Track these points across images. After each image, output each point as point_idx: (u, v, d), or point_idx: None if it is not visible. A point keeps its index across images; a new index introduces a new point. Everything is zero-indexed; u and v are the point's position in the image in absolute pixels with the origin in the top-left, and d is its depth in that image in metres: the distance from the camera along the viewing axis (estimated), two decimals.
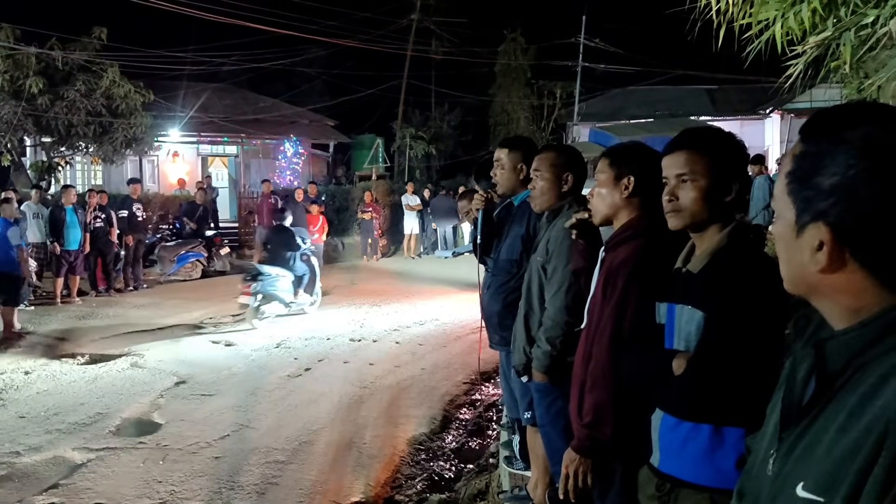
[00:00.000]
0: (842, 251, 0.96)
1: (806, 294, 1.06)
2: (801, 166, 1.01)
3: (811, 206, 0.98)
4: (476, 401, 7.01)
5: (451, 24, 28.32)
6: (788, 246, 1.04)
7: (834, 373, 0.99)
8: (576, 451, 2.39)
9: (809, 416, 1.00)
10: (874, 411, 0.88)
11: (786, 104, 24.17)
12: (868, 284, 0.96)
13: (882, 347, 0.94)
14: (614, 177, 2.53)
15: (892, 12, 4.45)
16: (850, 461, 0.88)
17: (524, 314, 3.34)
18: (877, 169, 0.93)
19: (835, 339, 1.01)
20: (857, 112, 1.00)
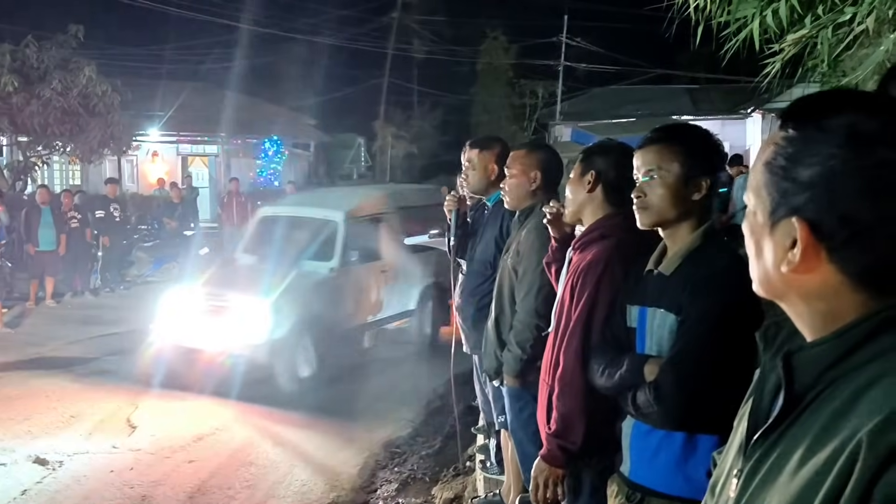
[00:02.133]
0: (817, 250, 0.87)
1: (776, 297, 0.96)
2: (779, 155, 0.91)
3: (787, 200, 0.89)
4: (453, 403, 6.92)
5: (432, 23, 28.27)
6: (759, 243, 0.95)
7: (803, 387, 0.90)
8: (544, 461, 2.31)
9: (776, 432, 0.91)
10: (845, 431, 0.80)
11: (766, 104, 24.27)
12: (844, 288, 0.87)
13: (855, 361, 0.86)
14: (580, 173, 2.46)
15: (868, 10, 4.42)
16: (819, 483, 0.80)
17: (495, 317, 3.26)
18: (859, 160, 0.84)
19: (805, 350, 0.93)
20: (840, 99, 0.91)
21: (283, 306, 7.24)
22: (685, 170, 1.93)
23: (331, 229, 8.14)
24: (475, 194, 3.92)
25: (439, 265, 8.60)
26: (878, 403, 0.78)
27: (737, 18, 5.15)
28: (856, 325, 0.87)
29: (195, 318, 7.52)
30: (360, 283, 8.21)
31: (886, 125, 0.85)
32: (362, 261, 8.14)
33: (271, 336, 7.08)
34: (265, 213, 9.20)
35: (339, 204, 8.68)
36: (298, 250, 8.07)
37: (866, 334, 0.86)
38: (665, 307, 1.92)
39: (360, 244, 8.14)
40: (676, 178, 1.93)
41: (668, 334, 1.90)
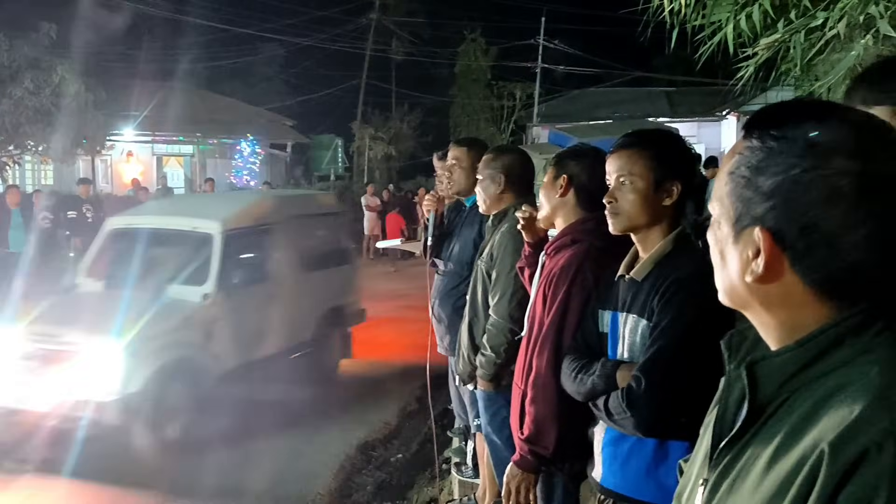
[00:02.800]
0: (780, 259, 0.87)
1: (740, 307, 0.96)
2: (742, 165, 0.91)
3: (750, 209, 0.89)
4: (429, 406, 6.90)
5: (410, 25, 28.25)
6: (724, 252, 0.95)
7: (767, 396, 0.90)
8: (517, 466, 2.29)
9: (741, 441, 0.91)
10: (807, 442, 0.79)
11: (741, 106, 24.52)
12: (807, 298, 0.87)
13: (818, 370, 0.86)
14: (553, 177, 2.45)
15: (840, 15, 4.46)
16: (783, 494, 0.79)
17: (468, 321, 3.25)
18: (818, 170, 0.84)
19: (768, 359, 0.92)
20: (802, 109, 0.91)
21: (141, 349, 5.57)
22: (655, 175, 1.93)
23: (204, 245, 6.38)
24: (460, 194, 3.89)
25: (341, 285, 7.92)
26: (839, 414, 0.78)
27: (711, 22, 5.19)
28: (818, 334, 0.87)
29: (16, 369, 5.61)
30: (243, 311, 6.54)
31: (845, 136, 0.85)
32: (246, 284, 6.61)
33: (125, 389, 5.43)
34: (116, 226, 7.08)
35: (214, 212, 6.96)
36: (162, 273, 6.30)
37: (828, 344, 0.86)
38: (636, 312, 1.91)
39: (242, 263, 6.68)
40: (646, 183, 1.93)
41: (639, 340, 1.90)
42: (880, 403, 0.76)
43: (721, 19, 5.14)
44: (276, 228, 7.15)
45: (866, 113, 0.89)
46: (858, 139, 0.85)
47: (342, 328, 7.88)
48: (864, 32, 4.47)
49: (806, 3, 4.76)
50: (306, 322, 7.32)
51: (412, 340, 9.18)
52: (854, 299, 0.86)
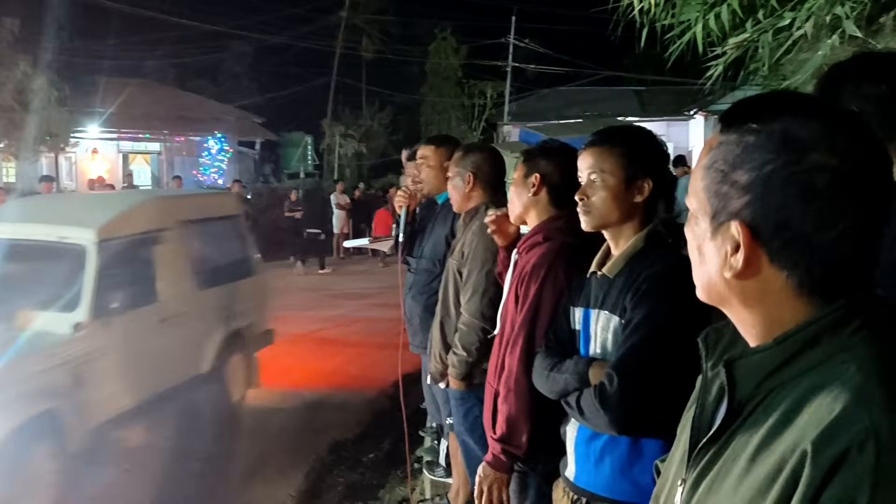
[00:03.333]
0: (758, 254, 0.86)
1: (718, 303, 0.95)
2: (717, 159, 0.90)
3: (727, 204, 0.88)
4: (401, 405, 6.87)
5: (380, 23, 28.16)
6: (702, 248, 0.94)
7: (745, 395, 0.89)
8: (490, 466, 2.27)
9: (720, 441, 0.90)
10: (787, 442, 0.79)
11: (709, 106, 24.83)
12: (785, 295, 0.86)
13: (796, 368, 0.85)
14: (523, 175, 2.43)
15: (807, 15, 4.52)
16: (764, 493, 0.78)
17: (440, 319, 3.23)
18: (794, 165, 0.83)
19: (746, 357, 0.92)
20: (777, 102, 0.90)
21: None
22: (626, 172, 1.92)
23: (75, 259, 4.99)
24: (430, 193, 3.87)
25: (245, 302, 6.63)
26: (820, 413, 0.77)
27: (680, 21, 5.23)
28: (796, 331, 0.86)
29: None
30: (125, 344, 5.18)
31: (820, 130, 0.84)
32: (128, 306, 5.15)
33: None
34: None
35: (87, 218, 5.48)
36: (17, 298, 4.84)
37: (806, 342, 0.85)
38: (609, 309, 1.90)
39: (123, 281, 5.20)
40: (617, 180, 1.92)
41: (611, 336, 1.89)
42: (859, 402, 0.75)
43: (690, 19, 5.18)
44: (164, 237, 5.81)
45: (843, 107, 0.88)
46: (835, 134, 0.84)
47: (246, 354, 6.63)
48: (831, 32, 4.53)
49: (773, 3, 4.82)
50: (203, 350, 6.03)
51: (385, 339, 9.18)
52: (832, 296, 0.85)
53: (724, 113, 0.93)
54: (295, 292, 13.23)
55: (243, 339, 6.56)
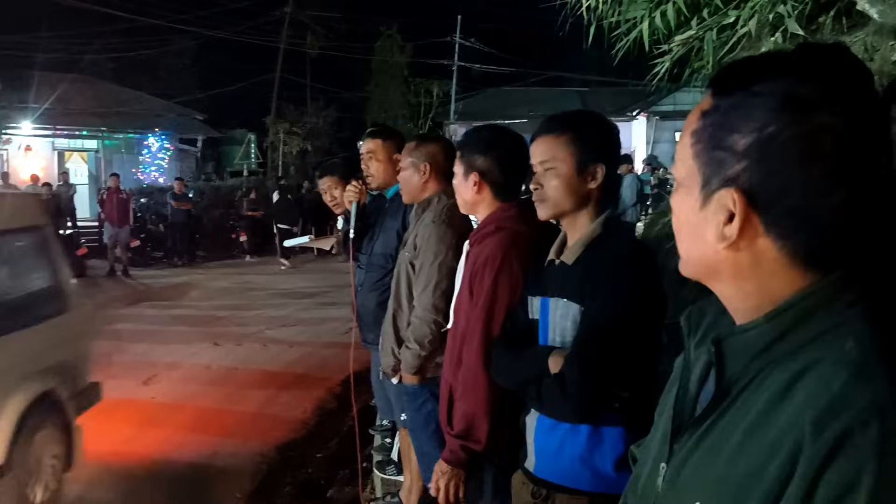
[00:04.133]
0: (753, 223, 0.81)
1: (706, 278, 0.90)
2: (710, 123, 0.85)
3: (721, 171, 0.83)
4: (351, 403, 6.79)
5: (326, 19, 27.89)
6: (690, 219, 0.88)
7: (735, 374, 0.85)
8: (447, 463, 2.23)
9: (705, 425, 0.85)
10: (780, 424, 0.75)
11: (651, 106, 25.35)
12: (778, 266, 0.82)
13: (789, 345, 0.80)
14: (462, 173, 2.40)
15: (750, 14, 4.60)
16: (755, 481, 0.75)
17: (392, 313, 3.18)
18: (797, 126, 0.78)
19: (736, 335, 0.87)
20: (773, 62, 0.84)
21: None
22: (577, 159, 1.89)
23: None
24: (379, 187, 3.81)
25: (61, 350, 4.67)
26: (818, 391, 0.74)
27: (627, 19, 5.28)
28: (788, 306, 0.82)
29: None
30: None
31: (825, 88, 0.79)
32: None
33: None
34: None
35: None
36: None
37: (800, 317, 0.81)
38: (568, 297, 1.88)
39: None
40: (569, 168, 1.89)
41: (571, 324, 1.86)
42: (859, 378, 0.72)
43: (636, 16, 5.24)
44: None
45: (846, 58, 0.82)
46: (840, 93, 0.79)
47: (60, 426, 4.48)
48: (773, 31, 4.63)
49: (718, 1, 4.91)
50: None
51: (331, 338, 9.07)
52: (827, 267, 0.82)
53: (717, 75, 0.88)
54: (239, 292, 13.02)
55: (55, 405, 4.45)
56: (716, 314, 0.95)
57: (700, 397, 0.92)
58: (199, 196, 19.68)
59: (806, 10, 4.43)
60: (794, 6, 4.40)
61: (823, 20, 4.63)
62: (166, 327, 9.97)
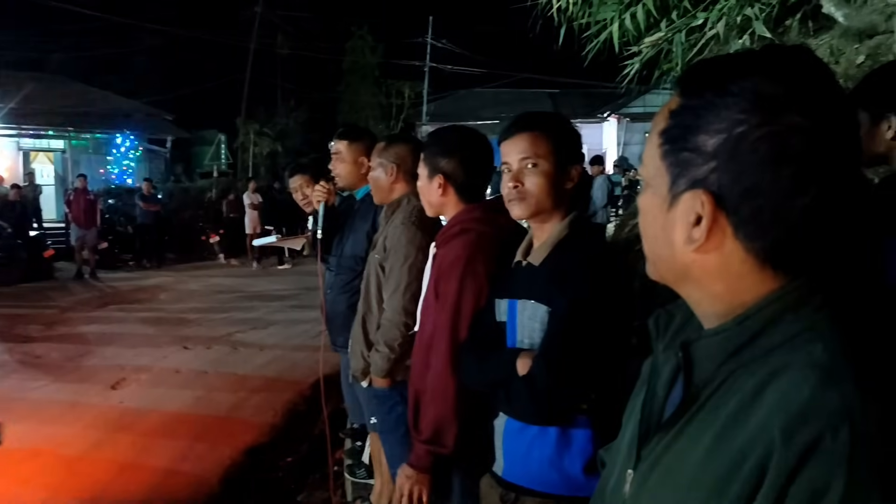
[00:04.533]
0: (722, 226, 0.80)
1: (673, 281, 0.89)
2: (678, 123, 0.83)
3: (689, 171, 0.81)
4: (321, 406, 6.75)
5: (296, 19, 27.74)
6: (657, 220, 0.87)
7: (703, 378, 0.84)
8: (413, 468, 2.20)
9: (673, 430, 0.84)
10: (750, 429, 0.74)
11: (622, 108, 25.56)
12: (746, 269, 0.81)
13: (758, 349, 0.79)
14: (427, 175, 2.38)
15: (718, 16, 4.64)
16: (725, 486, 0.73)
17: (362, 315, 3.14)
18: (766, 126, 0.77)
19: (704, 339, 0.86)
20: (745, 62, 0.83)
21: None
22: (559, 158, 1.89)
23: None
24: (346, 188, 3.78)
25: None
26: (787, 396, 0.72)
27: (597, 21, 5.31)
28: (757, 310, 0.81)
29: None
30: None
31: (794, 87, 0.78)
32: None
33: None
34: None
35: None
36: None
37: (768, 321, 0.80)
38: (535, 298, 1.86)
39: None
40: (552, 166, 1.88)
41: (538, 326, 1.85)
42: (828, 383, 0.71)
43: (606, 18, 5.27)
44: None
45: (811, 60, 0.82)
46: (809, 93, 0.78)
47: None
48: (741, 33, 4.67)
49: (687, 4, 4.95)
50: None
51: (302, 341, 9.00)
52: (796, 270, 0.81)
53: (685, 75, 0.87)
54: (209, 295, 12.88)
55: None
56: (684, 317, 0.93)
57: (668, 402, 0.90)
58: (169, 197, 19.44)
59: (773, 13, 4.49)
60: (762, 9, 4.46)
61: (790, 23, 4.69)
62: (135, 330, 9.83)
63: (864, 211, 1.66)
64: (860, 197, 0.81)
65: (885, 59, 3.58)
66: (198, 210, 19.53)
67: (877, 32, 3.80)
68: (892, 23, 3.71)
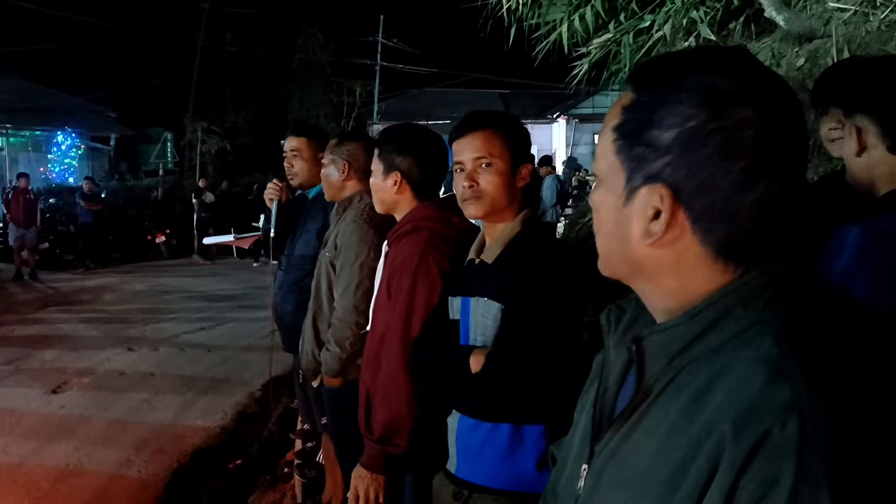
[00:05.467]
0: (679, 219, 0.81)
1: (626, 276, 0.90)
2: (632, 118, 0.84)
3: (644, 166, 0.82)
4: (271, 408, 6.67)
5: (245, 16, 27.36)
6: (611, 216, 0.87)
7: (655, 373, 0.84)
8: (366, 468, 2.18)
9: (625, 425, 0.85)
10: (701, 423, 0.74)
11: (571, 109, 25.86)
12: (700, 262, 0.82)
13: (709, 343, 0.80)
14: (382, 172, 2.37)
15: (665, 18, 4.73)
16: (678, 479, 0.74)
17: (312, 314, 3.11)
18: (718, 120, 0.78)
19: (656, 334, 0.86)
20: (698, 56, 0.84)
21: None
22: (512, 156, 1.90)
23: None
24: (302, 186, 3.74)
25: None
26: (737, 390, 0.73)
27: (546, 22, 5.36)
28: (707, 305, 0.82)
29: None
30: None
31: (746, 83, 0.80)
32: None
33: None
34: None
35: None
36: None
37: (718, 315, 0.81)
38: (488, 296, 1.87)
39: None
40: (507, 164, 1.89)
41: (492, 323, 1.85)
42: (778, 377, 0.72)
43: (556, 19, 5.33)
44: None
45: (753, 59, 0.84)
46: (760, 89, 0.80)
47: None
48: (687, 36, 4.77)
49: (634, 6, 5.03)
50: None
51: (251, 341, 8.89)
52: (747, 263, 0.82)
53: (637, 70, 0.87)
54: (155, 295, 12.62)
55: None
56: (635, 312, 0.94)
57: (620, 396, 0.91)
58: (113, 196, 18.99)
59: (717, 16, 4.59)
60: (707, 12, 4.55)
61: (734, 26, 4.81)
62: (77, 332, 9.57)
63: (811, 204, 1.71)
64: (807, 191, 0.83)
65: (823, 62, 3.70)
66: (143, 209, 19.13)
67: (816, 37, 3.92)
68: (829, 28, 3.82)
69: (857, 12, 3.70)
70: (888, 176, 1.63)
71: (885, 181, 1.64)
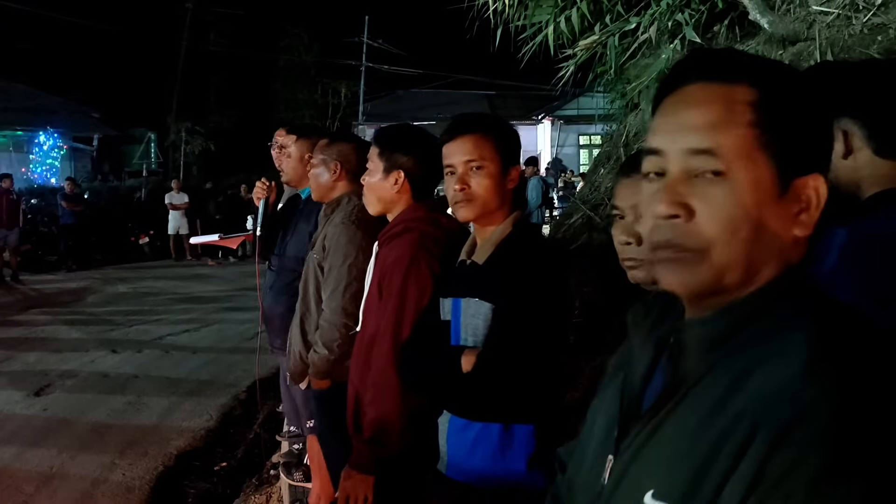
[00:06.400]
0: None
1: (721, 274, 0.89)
2: (773, 112, 0.86)
3: (801, 156, 0.87)
4: (258, 410, 6.64)
5: (230, 16, 27.25)
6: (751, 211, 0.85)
7: (685, 369, 0.87)
8: (355, 469, 2.18)
9: (657, 419, 0.86)
10: (737, 408, 0.77)
11: (556, 111, 25.94)
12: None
13: (740, 340, 0.83)
14: (384, 170, 2.37)
15: (650, 21, 4.76)
16: (709, 462, 0.77)
17: (300, 316, 3.09)
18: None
19: (689, 328, 0.89)
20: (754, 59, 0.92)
21: None
22: (502, 159, 1.92)
23: None
24: (290, 184, 3.72)
25: None
26: (768, 385, 0.76)
27: (532, 24, 5.38)
28: (742, 301, 0.85)
29: None
30: None
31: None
32: None
33: None
34: None
35: None
36: None
37: (752, 312, 0.84)
38: (479, 296, 1.88)
39: None
40: (497, 167, 1.91)
41: (482, 323, 1.86)
42: (809, 372, 0.75)
43: (542, 21, 5.34)
44: None
45: None
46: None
47: None
48: (672, 38, 4.80)
49: (620, 8, 5.06)
50: None
51: (236, 343, 8.85)
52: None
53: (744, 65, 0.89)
54: (139, 297, 12.53)
55: None
56: (661, 309, 0.96)
57: (646, 393, 0.93)
58: (96, 197, 18.85)
59: (702, 19, 4.63)
60: (692, 15, 4.58)
61: (719, 29, 4.84)
62: (60, 334, 9.49)
63: None
64: None
65: (806, 64, 3.73)
66: (126, 210, 18.99)
67: (799, 39, 3.95)
68: (813, 31, 3.86)
69: (840, 16, 3.74)
70: (873, 178, 1.65)
71: (870, 183, 1.66)
